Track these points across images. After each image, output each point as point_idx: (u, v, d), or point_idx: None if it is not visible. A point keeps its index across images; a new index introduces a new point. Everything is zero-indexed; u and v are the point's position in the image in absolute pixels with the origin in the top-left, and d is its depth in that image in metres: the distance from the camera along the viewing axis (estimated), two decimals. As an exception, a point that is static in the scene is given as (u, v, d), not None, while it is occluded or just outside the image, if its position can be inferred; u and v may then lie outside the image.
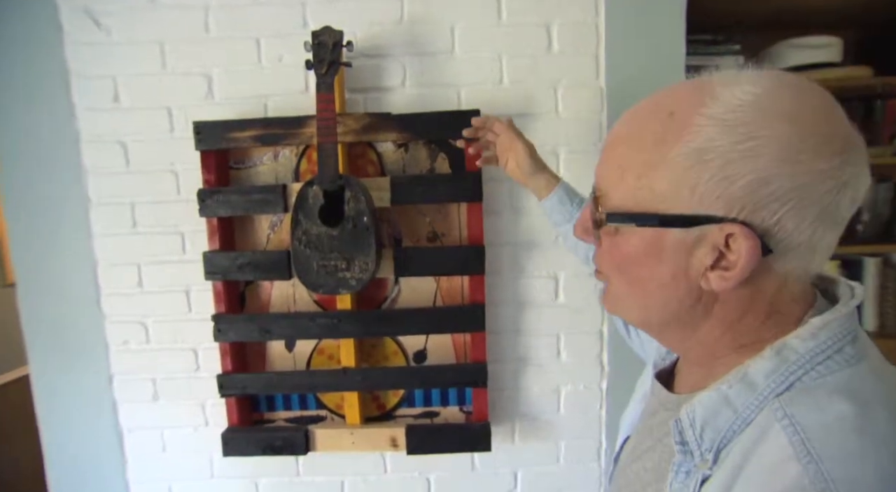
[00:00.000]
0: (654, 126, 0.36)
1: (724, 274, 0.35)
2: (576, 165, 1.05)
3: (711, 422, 0.36)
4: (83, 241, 1.08)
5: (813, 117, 0.33)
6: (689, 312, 0.38)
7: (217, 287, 1.01)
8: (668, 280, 0.37)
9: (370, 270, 0.91)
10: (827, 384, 0.34)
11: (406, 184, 0.96)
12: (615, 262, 0.41)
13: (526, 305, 1.09)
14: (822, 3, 1.31)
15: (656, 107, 0.37)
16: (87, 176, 1.08)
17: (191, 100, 1.04)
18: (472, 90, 1.04)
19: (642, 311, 0.41)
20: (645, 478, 0.42)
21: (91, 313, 1.10)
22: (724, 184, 0.33)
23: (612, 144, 0.40)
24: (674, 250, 0.36)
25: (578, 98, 1.04)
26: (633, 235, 0.38)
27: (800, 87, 0.35)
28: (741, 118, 0.33)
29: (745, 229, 0.33)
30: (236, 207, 0.97)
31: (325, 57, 0.88)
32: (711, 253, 0.35)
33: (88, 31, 1.04)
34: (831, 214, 0.34)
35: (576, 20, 1.02)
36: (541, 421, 1.12)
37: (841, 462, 0.30)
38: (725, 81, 0.35)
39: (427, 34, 1.02)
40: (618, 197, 0.38)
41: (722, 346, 0.39)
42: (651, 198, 0.36)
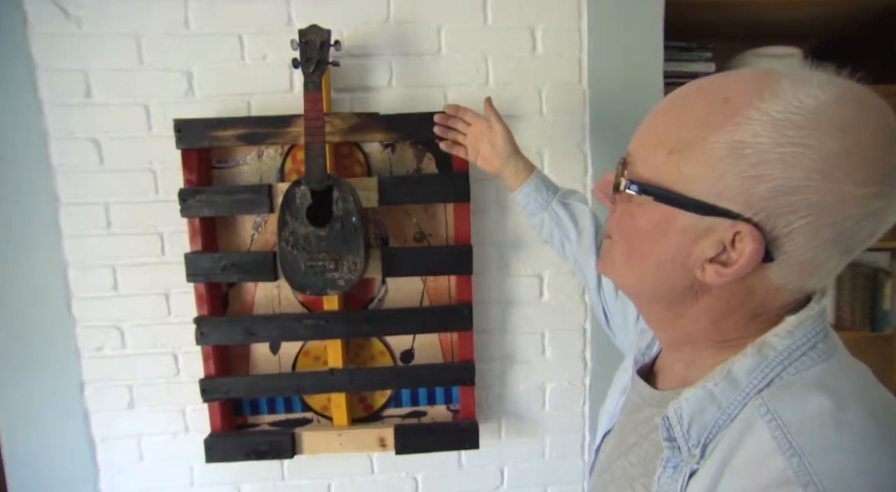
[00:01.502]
0: (704, 106, 0.35)
1: (720, 269, 0.35)
2: (560, 166, 1.08)
3: (698, 418, 0.37)
4: (52, 242, 1.04)
5: (866, 138, 0.32)
6: (679, 296, 0.39)
7: (199, 289, 0.98)
8: (667, 260, 0.38)
9: (359, 270, 0.90)
10: (804, 379, 0.35)
11: (394, 184, 0.96)
12: (622, 228, 0.41)
13: (512, 303, 1.11)
14: (785, 15, 1.38)
15: (711, 88, 0.36)
16: (55, 174, 1.03)
17: (170, 97, 1.01)
18: (459, 91, 1.05)
19: (636, 281, 0.42)
20: (632, 472, 0.43)
21: (60, 318, 1.05)
22: (751, 182, 0.33)
23: (657, 114, 0.40)
24: (680, 234, 0.37)
25: (562, 100, 1.07)
26: (646, 208, 0.38)
27: (867, 104, 0.33)
28: (795, 121, 0.32)
29: (754, 232, 0.33)
30: (220, 208, 0.95)
31: (312, 56, 0.87)
32: (715, 246, 0.35)
33: (56, 22, 0.99)
34: (846, 240, 0.33)
35: (559, 24, 1.05)
36: (526, 418, 1.14)
37: (822, 455, 0.31)
38: (794, 79, 0.34)
39: (413, 34, 1.03)
40: (644, 167, 0.38)
41: (704, 337, 0.40)
42: (675, 176, 0.36)
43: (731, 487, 0.33)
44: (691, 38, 1.35)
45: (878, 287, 1.48)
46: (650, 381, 0.48)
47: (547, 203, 0.78)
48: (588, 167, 1.09)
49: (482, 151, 0.85)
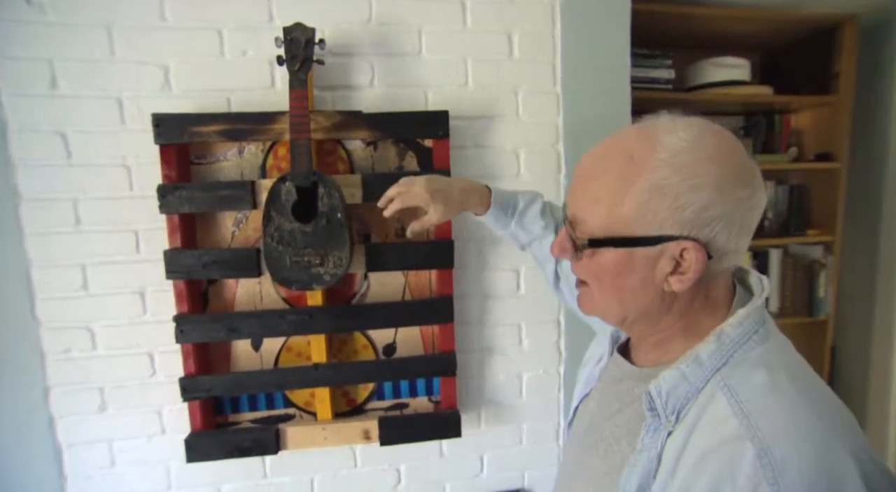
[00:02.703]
0: (618, 166, 0.46)
1: (681, 278, 0.46)
2: (535, 164, 1.13)
3: (673, 392, 0.46)
4: (12, 240, 0.99)
5: (731, 157, 0.45)
6: (656, 309, 0.49)
7: (179, 287, 0.96)
8: (639, 286, 0.48)
9: (344, 265, 0.92)
10: (750, 359, 0.46)
11: (377, 181, 0.98)
12: (595, 274, 0.50)
13: (490, 297, 1.15)
14: (735, 28, 1.51)
15: (617, 150, 0.47)
16: (15, 169, 0.98)
17: (145, 91, 0.99)
18: (439, 91, 1.08)
19: (619, 310, 0.51)
20: (618, 433, 0.53)
21: (22, 320, 1.01)
22: (679, 211, 0.44)
23: (582, 179, 0.49)
24: (641, 263, 0.47)
25: (537, 103, 1.12)
26: (608, 253, 0.48)
27: (718, 134, 0.46)
28: (684, 161, 0.44)
29: (695, 244, 0.44)
30: (201, 204, 0.93)
31: (297, 54, 0.88)
32: (670, 263, 0.46)
33: (14, 7, 0.94)
34: (747, 226, 0.46)
35: (534, 31, 1.10)
36: (505, 406, 1.19)
37: (763, 416, 0.42)
38: (667, 129, 0.46)
39: (395, 35, 1.05)
40: (593, 223, 0.47)
41: (675, 332, 0.50)
42: (621, 223, 0.46)
43: (697, 442, 0.44)
44: (654, 47, 1.45)
45: (814, 277, 1.64)
46: (627, 356, 0.57)
47: (506, 226, 0.82)
48: (561, 165, 1.15)
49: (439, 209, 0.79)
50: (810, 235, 1.63)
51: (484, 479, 1.21)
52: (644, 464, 0.46)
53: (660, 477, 0.45)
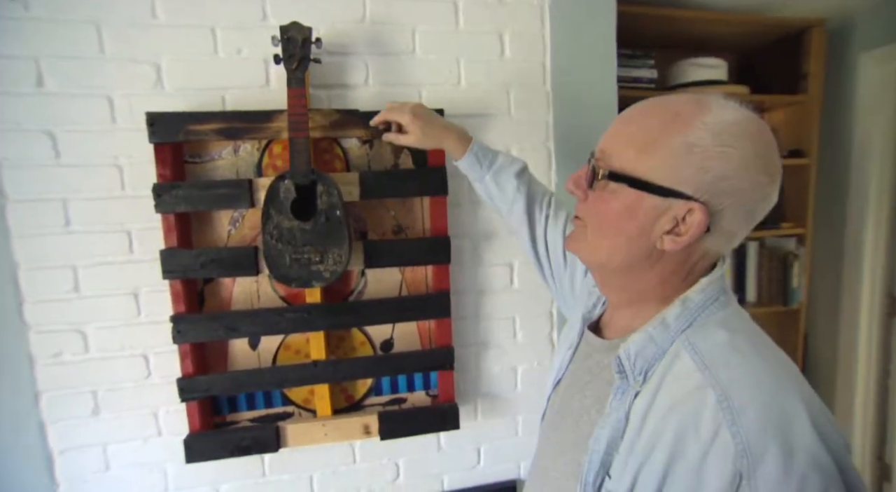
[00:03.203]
0: (661, 119, 0.48)
1: (675, 239, 0.48)
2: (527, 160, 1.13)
3: (642, 353, 0.49)
4: (-2, 244, 0.96)
5: (766, 145, 0.47)
6: (640, 263, 0.51)
7: (175, 287, 0.96)
8: (635, 235, 0.49)
9: (343, 262, 0.93)
10: (712, 321, 0.49)
11: (374, 179, 0.99)
12: (597, 212, 0.52)
13: (485, 292, 1.18)
14: (713, 30, 1.57)
15: (664, 106, 0.49)
16: (0, 169, 0.96)
17: (136, 89, 0.97)
18: (433, 90, 1.10)
19: (608, 254, 0.52)
20: (586, 403, 0.55)
21: (10, 324, 0.98)
22: (700, 173, 0.46)
23: (623, 122, 0.51)
24: (646, 213, 0.48)
25: (528, 100, 1.15)
26: (620, 193, 0.49)
27: (761, 124, 0.48)
28: (724, 130, 0.46)
29: (702, 208, 0.46)
30: (198, 203, 0.93)
31: (294, 52, 0.88)
32: (671, 221, 0.48)
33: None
34: (752, 214, 0.49)
35: (524, 31, 1.13)
36: (501, 399, 1.22)
37: (723, 368, 0.45)
38: (719, 103, 0.48)
39: (389, 35, 1.07)
40: (619, 161, 0.49)
41: (653, 295, 0.53)
42: (643, 169, 0.48)
43: (665, 397, 0.47)
44: (636, 47, 1.50)
45: (787, 268, 1.72)
46: (597, 334, 0.60)
47: (482, 177, 0.88)
48: (552, 162, 1.18)
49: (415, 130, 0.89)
50: (784, 227, 1.71)
51: (481, 470, 1.23)
52: (612, 424, 0.49)
53: (627, 435, 0.47)
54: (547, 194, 0.88)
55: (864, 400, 1.76)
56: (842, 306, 1.80)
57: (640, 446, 0.46)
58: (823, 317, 1.87)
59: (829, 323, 1.85)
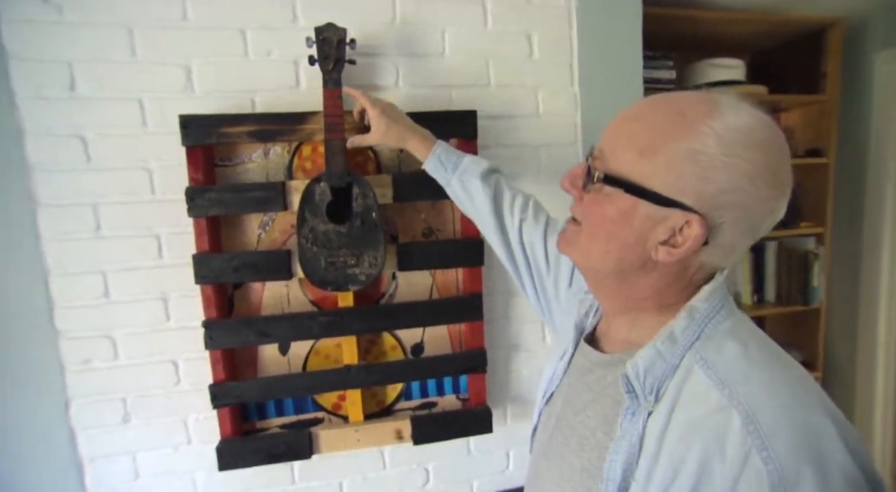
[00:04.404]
0: (665, 119, 0.44)
1: (671, 250, 0.45)
2: (555, 162, 1.16)
3: (651, 371, 0.46)
4: (29, 248, 0.95)
5: (777, 155, 0.44)
6: (633, 271, 0.48)
7: (207, 292, 0.95)
8: (629, 242, 0.46)
9: (379, 264, 0.92)
10: (720, 332, 0.46)
11: (407, 181, 0.98)
12: (592, 215, 0.48)
13: (515, 293, 1.17)
14: (731, 30, 1.57)
15: (670, 104, 0.45)
16: (32, 173, 0.95)
17: (167, 92, 0.97)
18: (463, 92, 1.09)
19: (600, 259, 0.49)
20: (590, 424, 0.51)
21: (41, 330, 0.97)
22: (702, 183, 0.42)
23: (627, 119, 0.47)
24: (641, 220, 0.45)
25: (556, 102, 1.15)
26: (616, 198, 0.46)
27: (775, 130, 0.44)
28: (733, 138, 0.42)
29: (701, 221, 0.43)
30: (231, 206, 0.92)
31: (330, 53, 0.87)
32: (667, 232, 0.44)
33: (31, 7, 0.91)
34: (755, 229, 0.45)
35: (552, 32, 1.13)
36: (530, 402, 1.21)
37: (743, 386, 0.42)
38: (730, 105, 0.44)
39: (419, 36, 1.06)
40: (616, 163, 0.45)
41: (648, 304, 0.50)
42: (642, 174, 0.44)
43: (681, 417, 0.43)
44: (655, 49, 1.50)
45: (808, 267, 1.71)
46: (594, 346, 0.56)
47: (448, 180, 0.85)
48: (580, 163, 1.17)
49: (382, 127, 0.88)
50: (803, 227, 1.71)
51: (510, 474, 1.22)
52: (626, 450, 0.45)
53: (643, 461, 0.44)
54: (519, 197, 0.82)
55: (884, 401, 1.75)
56: (860, 305, 1.79)
57: (660, 473, 0.43)
58: (842, 316, 1.86)
59: (848, 322, 1.84)
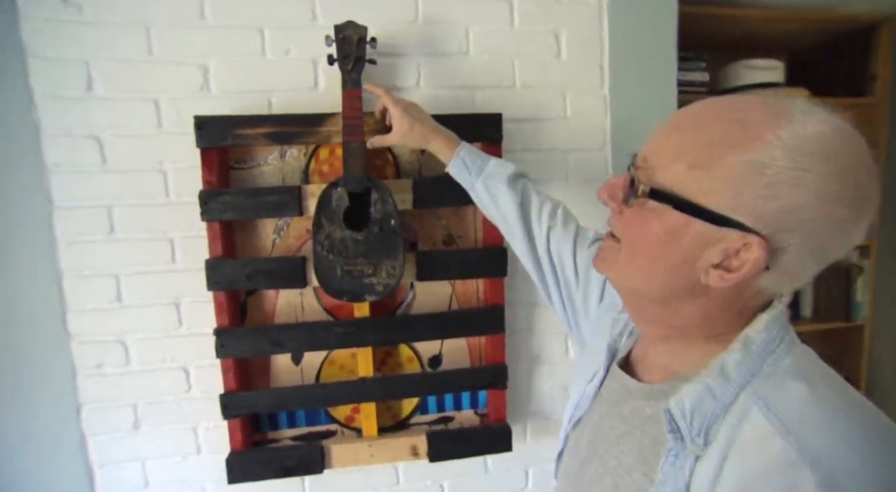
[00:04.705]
0: (723, 127, 0.38)
1: (724, 275, 0.39)
2: (582, 166, 1.10)
3: (699, 409, 0.40)
4: (45, 250, 0.94)
5: (855, 169, 0.37)
6: (679, 295, 0.42)
7: (219, 298, 0.92)
8: (676, 263, 0.41)
9: (397, 274, 0.88)
10: (781, 369, 0.40)
11: (428, 186, 0.94)
12: (634, 232, 0.43)
13: (538, 304, 1.11)
14: (768, 29, 1.48)
15: (727, 110, 0.39)
16: (48, 174, 0.93)
17: (183, 92, 0.94)
18: (487, 93, 1.04)
19: (642, 281, 0.44)
20: (627, 461, 0.45)
21: (54, 334, 0.96)
22: (764, 201, 0.36)
23: (674, 128, 0.42)
24: (692, 240, 0.39)
25: (585, 104, 1.09)
26: (663, 215, 0.40)
27: (856, 139, 0.38)
28: (804, 148, 0.36)
29: (762, 243, 0.37)
30: (245, 210, 0.89)
31: (350, 52, 0.84)
32: (720, 254, 0.39)
33: (51, 6, 0.90)
34: (825, 254, 0.39)
35: (582, 31, 1.07)
36: (552, 419, 1.15)
37: (813, 433, 0.36)
38: (801, 110, 0.38)
39: (442, 35, 1.02)
40: (664, 176, 0.40)
41: (696, 333, 0.44)
42: (695, 189, 0.38)
43: (736, 467, 0.37)
44: (686, 49, 1.42)
45: (850, 282, 1.61)
46: (628, 371, 0.50)
47: (472, 184, 0.81)
48: (609, 168, 1.11)
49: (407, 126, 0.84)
50: (846, 238, 1.60)
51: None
52: None
53: None
54: (547, 203, 0.78)
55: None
56: (906, 322, 1.67)
57: None
58: (889, 334, 1.74)
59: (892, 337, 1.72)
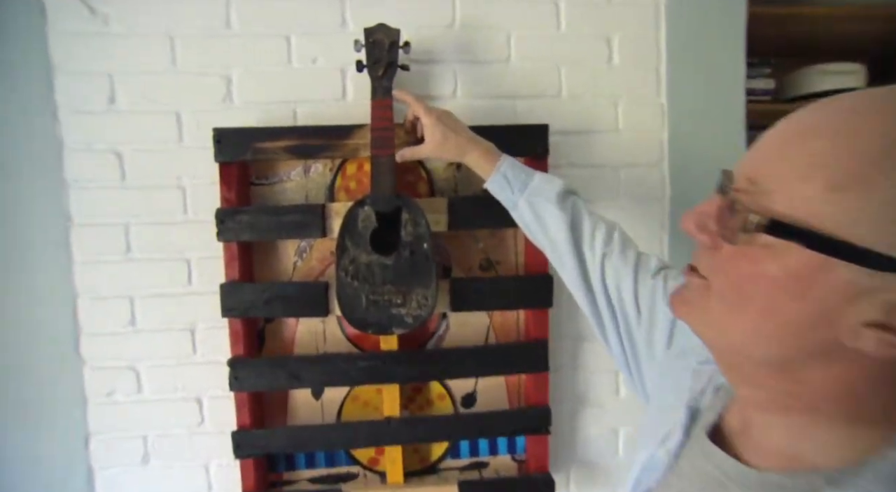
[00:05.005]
0: (878, 133, 0.27)
1: (885, 338, 0.26)
2: (636, 185, 0.98)
3: None
4: (61, 269, 0.89)
5: None
6: (805, 359, 0.30)
7: (235, 326, 0.84)
8: (804, 320, 0.28)
9: (429, 305, 0.78)
10: None
11: (466, 206, 0.84)
12: (738, 275, 0.31)
13: (584, 337, 0.99)
14: (842, 31, 1.33)
15: (878, 106, 0.28)
16: (68, 191, 0.89)
17: (205, 104, 0.89)
18: (530, 103, 0.94)
19: (742, 338, 0.32)
20: None
21: (67, 359, 0.90)
22: None
23: (803, 133, 0.30)
24: (833, 289, 0.27)
25: (639, 114, 0.97)
26: (785, 254, 0.28)
27: None
28: None
29: None
30: (264, 231, 0.82)
31: (381, 58, 0.76)
32: (880, 309, 0.26)
33: (79, 19, 0.87)
34: None
35: (636, 34, 0.96)
36: (599, 466, 1.01)
37: None
38: None
39: (481, 41, 0.93)
40: (787, 202, 0.28)
41: (829, 407, 0.31)
42: (837, 218, 0.27)
43: None
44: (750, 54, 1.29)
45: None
46: (720, 443, 0.37)
47: (514, 202, 0.71)
48: (666, 187, 0.99)
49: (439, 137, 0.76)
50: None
51: (573, 554, 1.02)
52: None
53: None
54: (602, 226, 0.67)
55: None
56: None
57: None
58: None
59: None
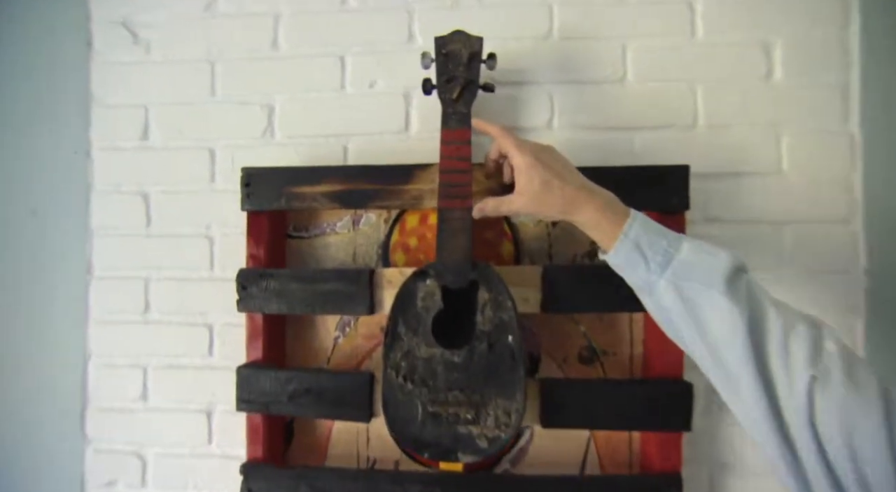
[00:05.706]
0: None
1: None
2: (813, 247, 0.68)
3: None
4: (76, 329, 0.77)
5: None
6: None
7: (253, 421, 0.65)
8: None
9: (512, 424, 0.53)
10: None
11: (567, 278, 0.60)
12: None
13: (730, 467, 0.68)
14: None
15: None
16: (92, 239, 0.77)
17: (242, 138, 0.74)
18: (654, 136, 0.69)
19: None
20: None
21: (71, 438, 0.77)
22: None
23: None
24: None
25: (814, 150, 0.69)
26: None
27: None
28: None
29: None
30: (294, 302, 0.62)
31: (456, 74, 0.56)
32: None
33: (123, 49, 0.77)
34: None
35: (809, 36, 0.69)
36: None
37: None
38: None
39: (586, 55, 0.70)
40: None
41: None
42: None
43: None
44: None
45: None
46: None
47: (651, 283, 0.44)
48: (860, 253, 0.68)
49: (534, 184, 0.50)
50: None
51: None
52: None
53: None
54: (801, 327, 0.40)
55: None
56: None
57: None
58: None
59: None
